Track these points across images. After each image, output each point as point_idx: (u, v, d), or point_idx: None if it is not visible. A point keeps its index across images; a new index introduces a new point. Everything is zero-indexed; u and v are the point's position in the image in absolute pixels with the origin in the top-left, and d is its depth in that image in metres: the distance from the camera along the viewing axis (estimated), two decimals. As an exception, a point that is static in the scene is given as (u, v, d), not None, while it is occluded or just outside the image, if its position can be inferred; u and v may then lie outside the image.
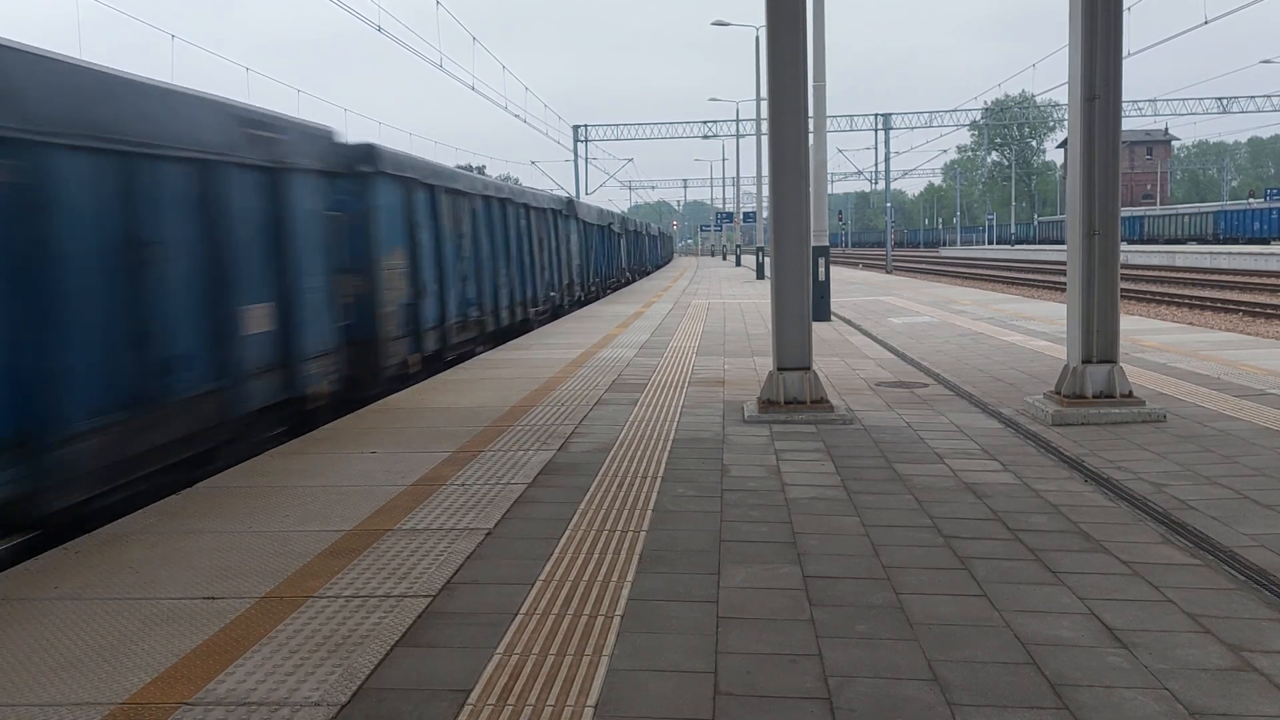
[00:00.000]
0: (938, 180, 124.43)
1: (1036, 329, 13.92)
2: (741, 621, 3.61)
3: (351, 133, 9.64)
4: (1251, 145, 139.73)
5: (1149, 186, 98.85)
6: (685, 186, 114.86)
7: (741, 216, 57.06)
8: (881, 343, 12.82)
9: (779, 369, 7.74)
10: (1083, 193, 7.24)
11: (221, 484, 5.91)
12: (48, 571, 4.34)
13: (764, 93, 7.91)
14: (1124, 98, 7.33)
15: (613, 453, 6.46)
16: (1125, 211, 59.91)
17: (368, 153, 9.80)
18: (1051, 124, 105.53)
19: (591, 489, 5.53)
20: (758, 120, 35.34)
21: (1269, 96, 56.75)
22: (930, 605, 3.73)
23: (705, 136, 60.42)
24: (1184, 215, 64.43)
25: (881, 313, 17.68)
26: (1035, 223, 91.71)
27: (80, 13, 23.10)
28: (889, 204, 52.37)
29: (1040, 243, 79.20)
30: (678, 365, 10.97)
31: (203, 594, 3.98)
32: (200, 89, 6.87)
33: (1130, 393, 7.29)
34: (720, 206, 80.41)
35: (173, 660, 3.35)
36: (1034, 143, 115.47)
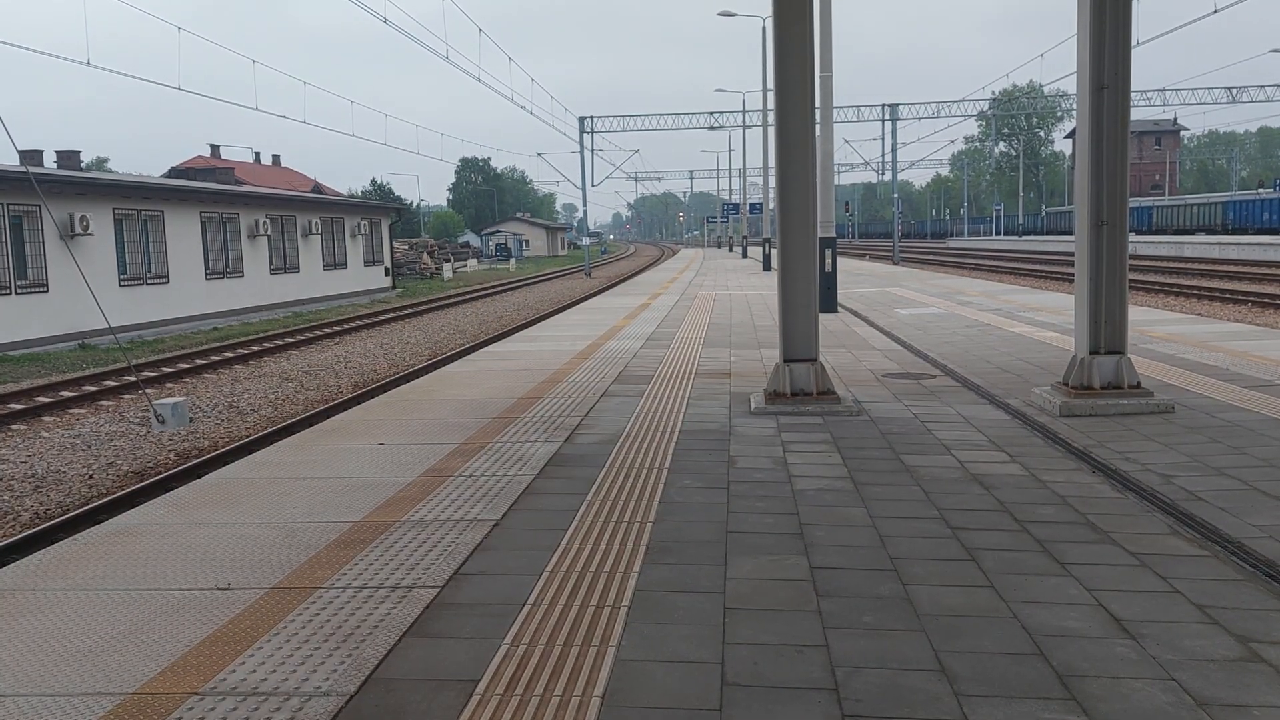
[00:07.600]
0: (945, 171, 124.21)
1: (1044, 320, 13.88)
2: (749, 612, 3.61)
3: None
4: (1261, 135, 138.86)
5: (1158, 176, 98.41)
6: (691, 178, 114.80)
7: (748, 208, 56.95)
8: (888, 334, 12.80)
9: (785, 361, 7.73)
10: (1091, 183, 7.21)
11: (230, 476, 5.94)
12: (59, 563, 4.36)
13: (770, 84, 7.90)
14: (1133, 87, 7.30)
15: (620, 444, 6.47)
16: (1134, 202, 59.55)
17: None
18: (1059, 114, 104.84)
19: (599, 480, 5.54)
20: (764, 111, 35.21)
21: (1279, 86, 56.44)
22: (937, 596, 3.74)
23: (711, 128, 60.20)
24: (1193, 205, 63.97)
25: (888, 304, 17.65)
26: (1043, 213, 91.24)
27: (87, 7, 23.15)
28: (896, 195, 52.20)
29: (1048, 233, 78.80)
30: (684, 357, 10.97)
31: (212, 585, 4.00)
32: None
33: (1138, 384, 7.27)
34: (727, 198, 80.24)
35: (183, 650, 3.37)
36: (1042, 133, 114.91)
